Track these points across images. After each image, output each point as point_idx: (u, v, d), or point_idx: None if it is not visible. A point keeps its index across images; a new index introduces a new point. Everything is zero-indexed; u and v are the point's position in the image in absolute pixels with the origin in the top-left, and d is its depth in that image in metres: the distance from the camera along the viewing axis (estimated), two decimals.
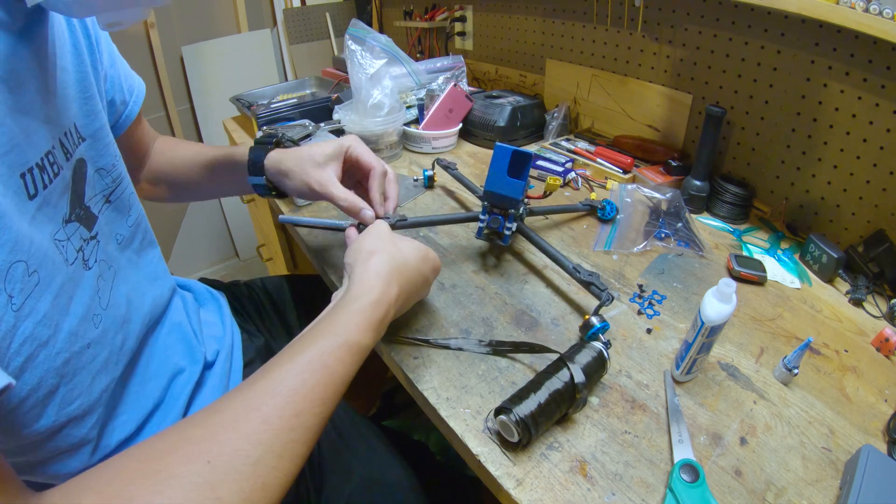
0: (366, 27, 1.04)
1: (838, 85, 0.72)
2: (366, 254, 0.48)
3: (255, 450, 0.32)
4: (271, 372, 0.37)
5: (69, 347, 0.39)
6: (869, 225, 0.73)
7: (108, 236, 0.48)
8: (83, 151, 0.46)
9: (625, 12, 0.98)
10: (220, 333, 0.65)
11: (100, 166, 0.49)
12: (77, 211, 0.43)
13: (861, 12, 0.59)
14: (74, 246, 0.42)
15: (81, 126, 0.46)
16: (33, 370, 0.35)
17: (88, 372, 0.41)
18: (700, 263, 0.72)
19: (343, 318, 0.42)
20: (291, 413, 0.34)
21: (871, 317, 0.64)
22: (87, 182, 0.46)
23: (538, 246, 0.67)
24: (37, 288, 0.35)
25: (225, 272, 2.17)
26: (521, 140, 1.12)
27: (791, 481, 0.43)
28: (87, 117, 0.47)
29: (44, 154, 0.39)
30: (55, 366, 0.37)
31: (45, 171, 0.38)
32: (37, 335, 0.35)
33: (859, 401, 0.52)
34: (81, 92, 0.47)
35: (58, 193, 0.40)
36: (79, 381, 0.40)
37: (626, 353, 0.56)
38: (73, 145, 0.44)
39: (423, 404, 0.52)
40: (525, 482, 0.43)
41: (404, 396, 0.59)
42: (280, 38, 1.93)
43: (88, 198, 0.46)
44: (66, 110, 0.43)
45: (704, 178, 0.84)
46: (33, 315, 0.35)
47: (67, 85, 0.44)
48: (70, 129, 0.44)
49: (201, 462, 0.30)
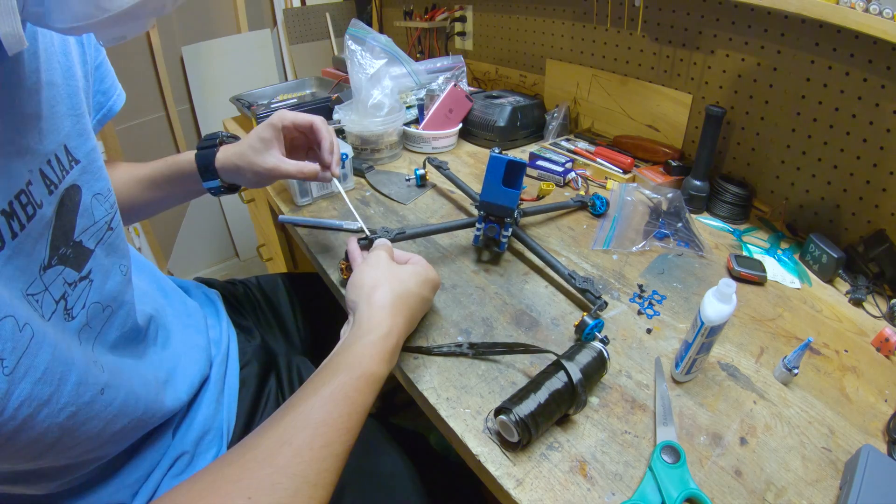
0: (366, 27, 1.04)
1: (838, 85, 0.72)
2: (368, 289, 0.49)
3: (292, 482, 0.33)
4: (297, 406, 0.38)
5: (76, 400, 0.35)
6: (869, 225, 0.73)
7: (106, 272, 0.44)
8: (76, 176, 0.40)
9: (625, 12, 0.98)
10: (217, 336, 0.64)
11: (97, 191, 0.43)
12: (62, 251, 0.38)
13: (861, 12, 0.59)
14: (54, 296, 0.37)
15: (74, 147, 0.40)
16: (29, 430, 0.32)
17: (101, 419, 0.38)
18: (700, 263, 0.72)
19: (358, 351, 0.44)
20: (321, 444, 0.36)
21: (871, 317, 0.64)
22: (81, 212, 0.41)
23: (535, 252, 0.68)
24: (32, 342, 0.31)
25: (225, 272, 2.17)
26: (520, 140, 1.13)
27: (791, 481, 0.43)
28: (80, 137, 0.42)
29: (13, 196, 0.33)
30: (58, 421, 0.34)
31: (15, 216, 0.33)
32: (36, 394, 0.31)
33: (859, 401, 0.52)
34: (72, 109, 0.41)
35: (33, 239, 0.35)
36: (84, 430, 0.37)
37: (626, 353, 0.56)
38: (63, 171, 0.39)
39: (423, 404, 0.52)
40: (525, 482, 0.43)
41: (404, 396, 0.59)
42: (280, 38, 1.93)
43: (80, 230, 0.40)
44: (54, 131, 0.38)
45: (704, 178, 0.84)
46: (31, 374, 0.31)
47: (57, 102, 0.39)
48: (58, 153, 0.38)
49: (242, 499, 0.31)
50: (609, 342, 0.55)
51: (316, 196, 0.87)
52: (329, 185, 0.88)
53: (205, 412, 0.55)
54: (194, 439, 0.53)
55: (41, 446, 0.33)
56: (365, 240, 0.66)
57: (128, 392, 0.42)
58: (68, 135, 0.40)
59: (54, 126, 0.38)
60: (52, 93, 0.38)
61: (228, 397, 0.59)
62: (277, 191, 0.92)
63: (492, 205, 0.65)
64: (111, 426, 0.40)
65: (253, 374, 0.65)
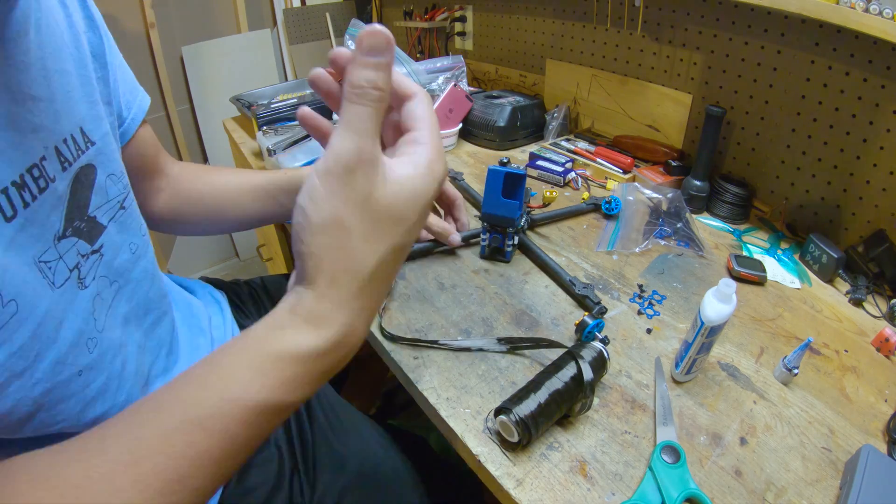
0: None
1: (838, 85, 0.72)
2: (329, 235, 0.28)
3: None
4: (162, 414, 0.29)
5: (52, 377, 0.36)
6: (869, 225, 0.73)
7: (117, 247, 0.45)
8: (92, 156, 0.43)
9: (625, 12, 0.98)
10: (221, 336, 0.65)
11: (111, 172, 0.46)
12: (76, 224, 0.40)
13: (861, 12, 0.59)
14: (68, 264, 0.38)
15: (90, 130, 0.43)
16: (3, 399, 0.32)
17: (79, 400, 0.38)
18: (700, 263, 0.72)
19: (270, 364, 0.29)
20: (174, 477, 0.28)
21: (871, 317, 0.64)
22: (96, 189, 0.43)
23: (539, 259, 0.69)
24: (13, 319, 0.32)
25: (225, 272, 2.17)
26: (520, 140, 1.13)
27: (791, 481, 0.43)
28: (95, 121, 0.44)
29: (25, 169, 0.35)
30: (32, 395, 0.35)
31: (26, 187, 0.35)
32: (9, 366, 0.32)
33: (859, 401, 0.52)
34: (87, 96, 0.44)
35: (47, 209, 0.37)
36: (62, 409, 0.37)
37: (626, 353, 0.56)
38: (78, 150, 0.41)
39: (423, 404, 0.52)
40: (525, 482, 0.43)
41: (404, 396, 0.59)
42: (280, 38, 1.93)
43: (95, 207, 0.43)
44: (70, 114, 0.41)
45: (704, 178, 0.84)
46: (6, 346, 0.32)
47: (72, 88, 0.42)
48: (74, 134, 0.41)
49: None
50: (609, 342, 0.55)
51: None
52: None
53: None
54: None
55: (15, 418, 0.34)
56: None
57: (109, 376, 0.42)
58: (84, 118, 0.42)
59: (70, 109, 0.41)
60: (66, 80, 0.41)
61: None
62: None
63: (493, 216, 0.67)
64: (90, 410, 0.40)
65: None
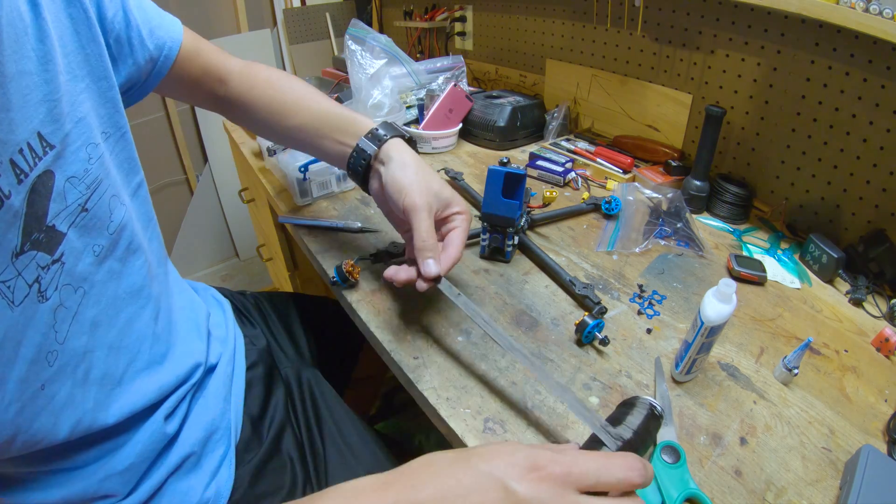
0: (366, 27, 1.04)
1: (838, 85, 0.72)
2: None
3: None
4: None
5: (20, 397, 0.36)
6: (869, 225, 0.73)
7: (79, 253, 0.43)
8: (50, 162, 0.40)
9: (625, 12, 0.98)
10: (223, 335, 0.65)
11: (71, 175, 0.42)
12: (34, 236, 0.38)
13: (861, 12, 0.59)
14: (27, 280, 0.37)
15: (49, 133, 0.40)
16: None
17: (49, 413, 0.38)
18: (700, 263, 0.72)
19: None
20: None
21: (871, 317, 0.64)
22: (54, 197, 0.40)
23: (540, 260, 0.68)
24: None
25: (225, 272, 2.17)
26: (520, 140, 1.12)
27: (791, 481, 0.43)
28: (55, 123, 0.40)
29: None
30: (8, 418, 0.35)
31: None
32: None
33: (859, 401, 0.52)
34: (48, 95, 0.40)
35: (2, 228, 0.35)
36: (40, 426, 0.38)
37: (626, 353, 0.56)
38: (36, 158, 0.39)
39: (423, 404, 0.52)
40: None
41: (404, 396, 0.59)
42: (280, 38, 1.93)
43: (53, 215, 0.40)
44: (27, 120, 0.38)
45: (704, 178, 0.84)
46: None
47: (30, 90, 0.38)
48: (31, 141, 0.38)
49: None
50: (609, 342, 0.55)
51: (316, 196, 0.87)
52: (329, 186, 0.88)
53: (212, 410, 0.55)
54: (201, 439, 0.53)
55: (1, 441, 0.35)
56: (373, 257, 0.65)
57: (73, 384, 0.41)
58: (43, 121, 0.39)
59: (26, 115, 0.37)
60: (25, 82, 0.37)
61: (235, 396, 0.60)
62: (277, 191, 0.92)
63: (493, 216, 0.67)
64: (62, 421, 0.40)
65: (259, 377, 0.65)
